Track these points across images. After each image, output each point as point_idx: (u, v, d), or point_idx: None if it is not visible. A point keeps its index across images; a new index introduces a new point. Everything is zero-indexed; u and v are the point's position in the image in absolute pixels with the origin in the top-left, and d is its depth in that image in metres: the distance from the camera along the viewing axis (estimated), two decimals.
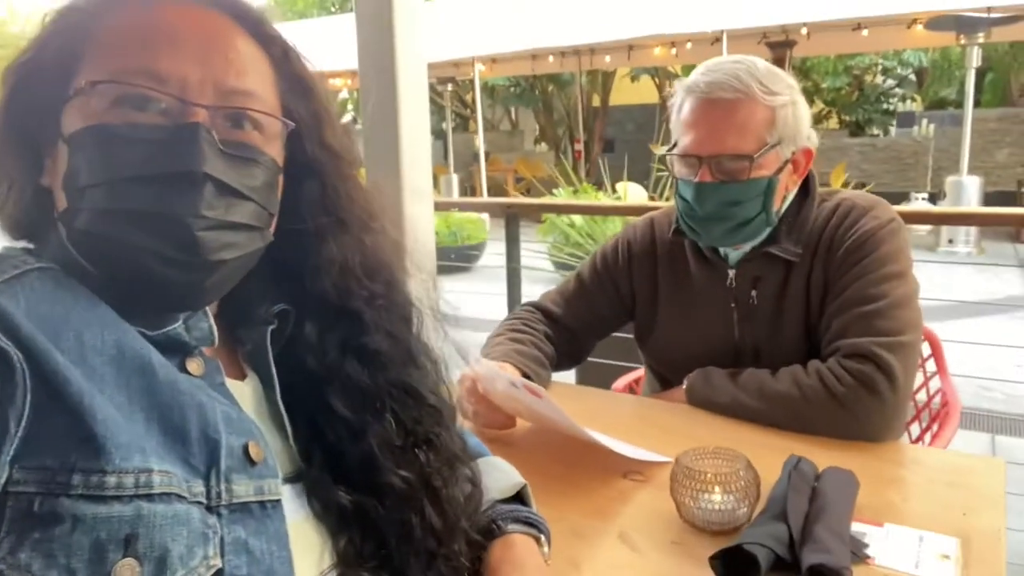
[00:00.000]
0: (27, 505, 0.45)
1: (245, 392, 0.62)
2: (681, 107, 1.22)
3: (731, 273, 1.29)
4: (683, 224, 1.26)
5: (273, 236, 0.61)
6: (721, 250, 1.30)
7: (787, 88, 1.19)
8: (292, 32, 0.65)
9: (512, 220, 2.63)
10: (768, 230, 1.24)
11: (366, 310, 0.65)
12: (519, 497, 0.79)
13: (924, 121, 13.24)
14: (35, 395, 0.46)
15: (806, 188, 1.28)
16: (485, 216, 8.05)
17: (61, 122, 0.55)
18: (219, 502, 0.52)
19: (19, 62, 0.57)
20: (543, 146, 15.88)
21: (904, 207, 1.35)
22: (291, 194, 0.63)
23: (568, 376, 2.02)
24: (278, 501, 0.56)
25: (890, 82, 15.39)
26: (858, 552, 0.80)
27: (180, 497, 0.49)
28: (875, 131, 15.17)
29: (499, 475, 0.79)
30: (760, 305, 1.27)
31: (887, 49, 12.32)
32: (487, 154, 10.53)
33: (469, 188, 12.23)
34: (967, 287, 6.21)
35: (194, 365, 0.57)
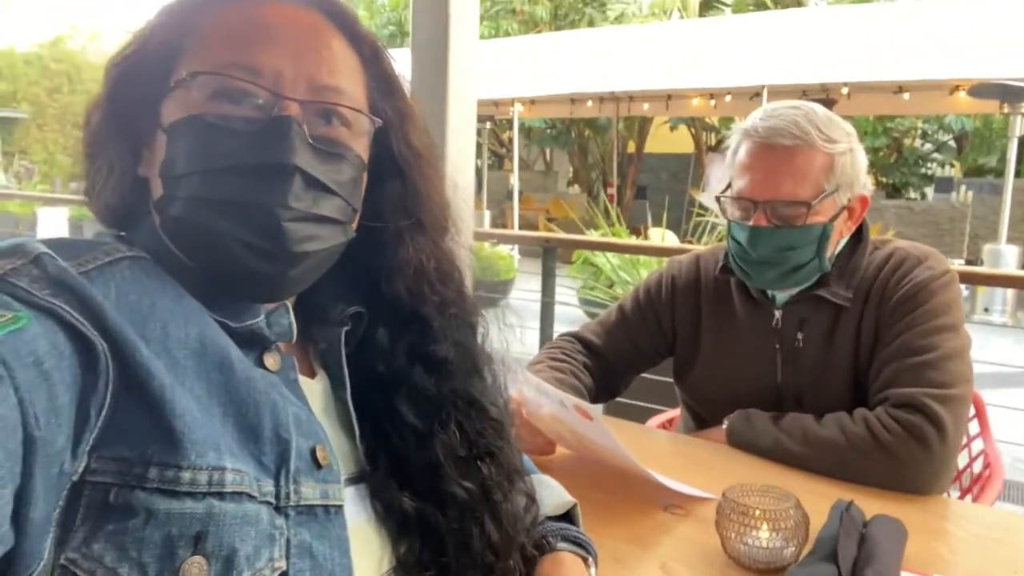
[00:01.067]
0: (103, 496, 0.46)
1: (315, 390, 0.63)
2: (737, 149, 1.23)
3: (777, 314, 1.28)
4: (734, 265, 1.26)
5: (355, 233, 0.62)
6: (768, 291, 1.30)
7: (845, 135, 1.20)
8: None
9: (549, 254, 2.65)
10: (819, 275, 1.24)
11: (436, 317, 0.66)
12: (568, 516, 0.78)
13: (962, 187, 13.13)
14: (117, 386, 0.47)
15: (859, 233, 1.28)
16: (515, 253, 8.08)
17: (161, 113, 0.57)
18: (287, 503, 0.52)
19: (122, 55, 0.60)
20: (576, 188, 16.00)
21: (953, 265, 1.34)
22: (373, 192, 0.64)
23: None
24: (341, 507, 0.56)
25: (929, 146, 15.33)
26: None
27: (250, 497, 0.50)
28: (912, 194, 15.07)
29: (549, 492, 0.78)
30: (806, 348, 1.26)
31: (928, 113, 12.31)
32: (520, 193, 10.62)
33: (501, 225, 12.31)
34: (1003, 355, 6.07)
35: (271, 360, 0.58)
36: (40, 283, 0.47)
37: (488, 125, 11.82)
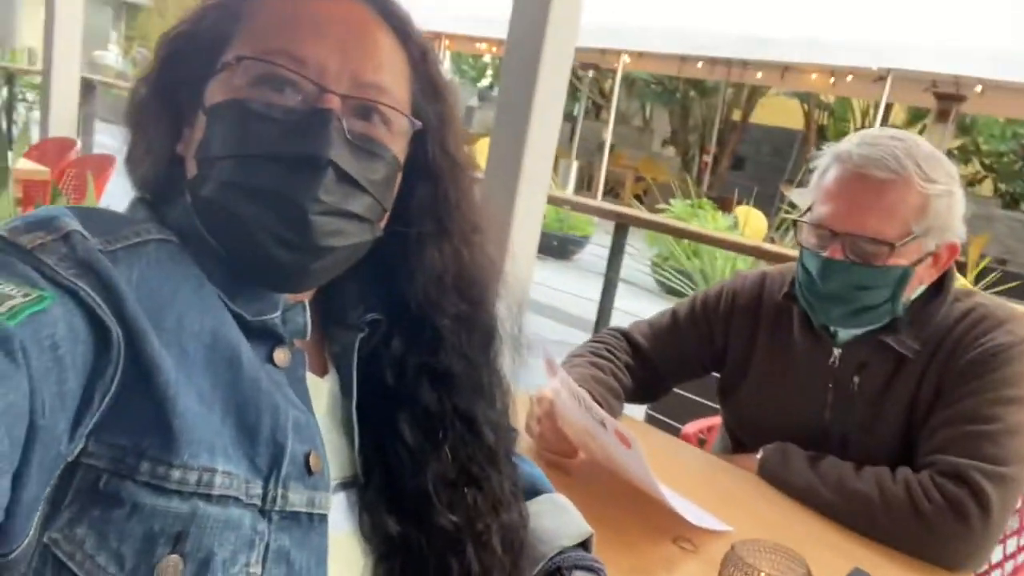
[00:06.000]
0: (94, 480, 0.46)
1: (323, 389, 0.63)
2: (825, 172, 1.15)
3: (836, 352, 1.22)
4: (799, 294, 1.20)
5: (382, 232, 0.61)
6: (831, 326, 1.23)
7: (947, 177, 1.10)
8: None
9: (620, 230, 2.59)
10: (889, 318, 1.16)
11: (450, 327, 0.65)
12: (582, 543, 0.78)
13: None
14: (125, 375, 0.47)
15: (940, 282, 1.19)
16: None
17: (204, 94, 0.57)
18: (273, 507, 0.52)
19: (174, 34, 0.60)
20: (671, 150, 15.54)
21: None
22: (404, 194, 0.63)
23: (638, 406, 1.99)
24: (325, 516, 0.56)
25: None
26: None
27: (237, 500, 0.50)
28: None
29: (567, 519, 0.77)
30: (860, 393, 1.20)
31: None
32: (612, 147, 10.39)
33: (588, 177, 12.13)
34: None
35: (281, 355, 0.58)
36: (67, 262, 0.47)
37: (591, 74, 11.52)
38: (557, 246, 7.29)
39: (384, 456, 0.62)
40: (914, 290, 1.16)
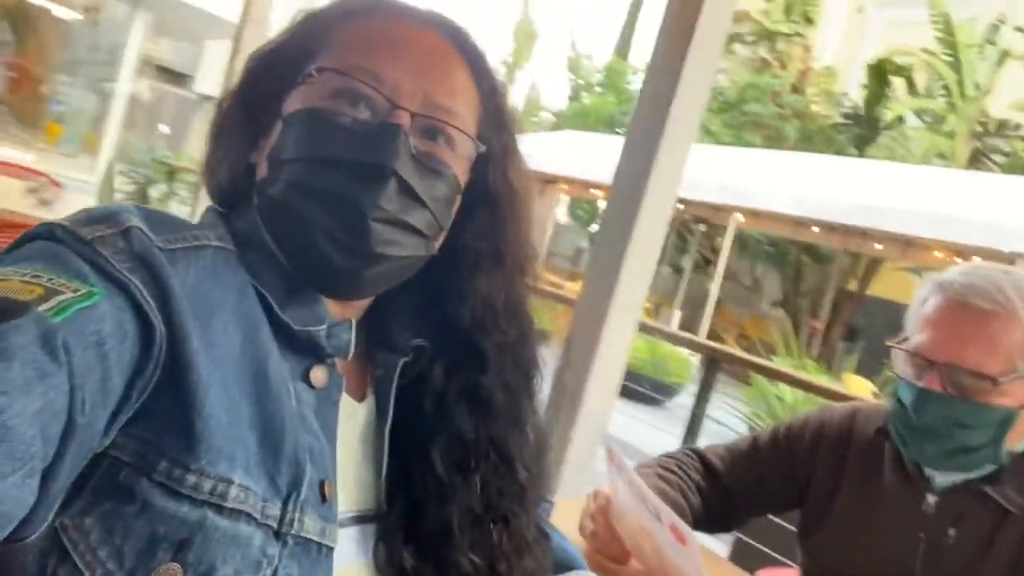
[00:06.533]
0: (115, 472, 0.46)
1: (359, 414, 0.62)
2: (926, 301, 1.10)
3: (931, 499, 1.11)
4: (892, 429, 1.11)
5: (437, 251, 0.62)
6: (926, 469, 1.12)
7: None
8: (579, 141, 0.68)
9: (711, 366, 2.52)
10: (992, 467, 1.05)
11: (493, 354, 0.65)
12: None
13: None
14: (163, 372, 0.47)
15: None
16: (696, 359, 7.79)
17: (284, 105, 0.60)
18: (289, 530, 0.51)
19: (262, 51, 0.64)
20: (780, 312, 15.19)
21: None
22: (464, 218, 0.64)
23: (716, 543, 1.85)
24: (332, 550, 0.55)
25: None
26: None
27: (249, 518, 0.49)
28: None
29: None
30: (956, 548, 1.07)
31: None
32: (718, 302, 10.28)
33: (690, 329, 11.97)
34: None
35: (318, 374, 0.58)
36: (122, 255, 0.48)
37: (702, 228, 11.65)
38: (648, 390, 7.11)
39: (410, 486, 0.61)
40: (1020, 439, 1.05)
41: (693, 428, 2.51)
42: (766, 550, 2.13)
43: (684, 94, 1.95)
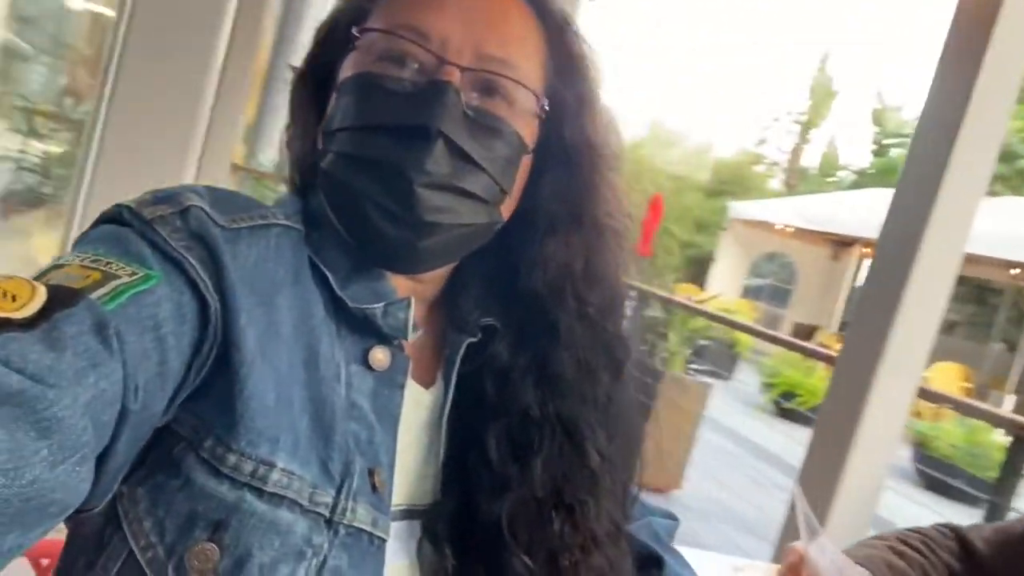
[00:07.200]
0: (172, 446, 0.46)
1: (424, 401, 0.58)
2: None
3: None
4: None
5: (505, 220, 0.57)
6: None
7: None
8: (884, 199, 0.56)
9: (1018, 448, 2.12)
10: None
11: (569, 324, 0.58)
12: None
13: None
14: (219, 350, 0.47)
15: None
16: None
17: (339, 74, 0.57)
18: (342, 519, 0.49)
19: (324, 23, 0.61)
20: None
21: None
22: (537, 182, 0.59)
23: None
24: (385, 542, 0.51)
25: None
26: None
27: (292, 504, 0.47)
28: None
29: None
30: None
31: None
32: None
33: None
34: None
35: (379, 355, 0.54)
36: (179, 234, 0.47)
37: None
38: (963, 485, 6.05)
39: (465, 478, 0.56)
40: None
41: (991, 520, 2.13)
42: None
43: (969, 137, 1.77)
